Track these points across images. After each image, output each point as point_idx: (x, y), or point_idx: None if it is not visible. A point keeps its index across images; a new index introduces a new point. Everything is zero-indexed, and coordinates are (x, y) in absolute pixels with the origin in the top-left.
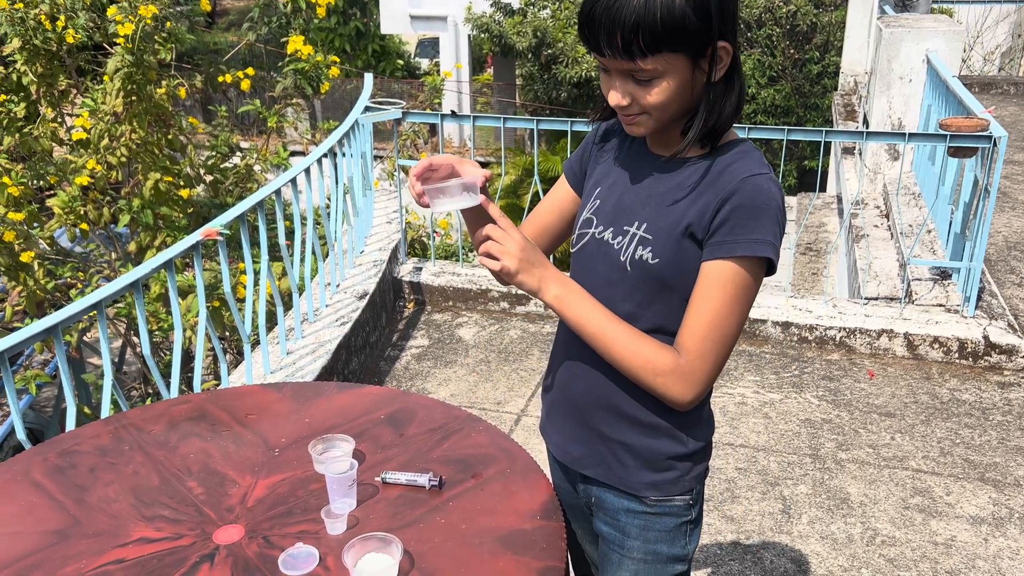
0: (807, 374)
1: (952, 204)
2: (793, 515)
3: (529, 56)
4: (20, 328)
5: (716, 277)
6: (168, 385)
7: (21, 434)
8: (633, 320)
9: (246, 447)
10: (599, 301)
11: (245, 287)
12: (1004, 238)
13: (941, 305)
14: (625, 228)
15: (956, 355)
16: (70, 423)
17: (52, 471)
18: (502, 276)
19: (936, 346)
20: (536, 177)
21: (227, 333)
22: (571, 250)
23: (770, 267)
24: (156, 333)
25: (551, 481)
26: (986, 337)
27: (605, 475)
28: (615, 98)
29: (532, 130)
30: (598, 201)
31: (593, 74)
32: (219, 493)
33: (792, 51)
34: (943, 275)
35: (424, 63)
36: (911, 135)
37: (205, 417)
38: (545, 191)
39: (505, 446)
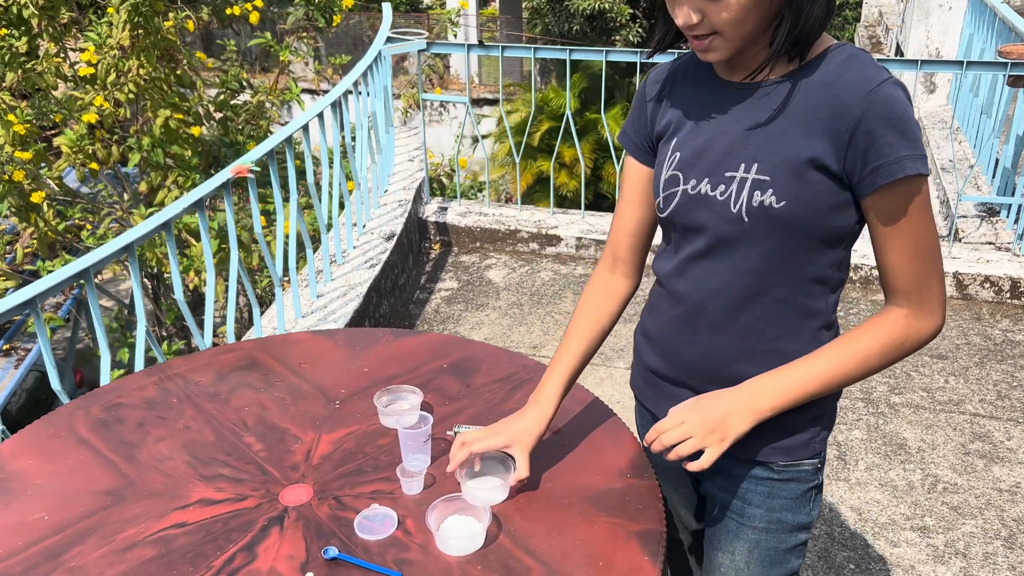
0: (852, 315)
1: (999, 137)
2: (849, 461)
3: None
4: (31, 270)
5: (891, 207)
6: (202, 332)
7: (56, 384)
8: (764, 278)
9: (304, 399)
10: (714, 266)
11: (265, 228)
12: None
13: (990, 243)
14: (728, 174)
15: (1008, 295)
16: (104, 374)
17: (97, 426)
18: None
19: (987, 285)
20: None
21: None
22: (660, 217)
23: None
24: (167, 276)
25: (637, 439)
26: None
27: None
28: (682, 17)
29: (565, 66)
30: (677, 153)
31: (607, 6)
32: (281, 450)
33: None
34: (990, 212)
35: None
36: (970, 63)
37: (256, 366)
38: (556, 129)
39: (581, 398)
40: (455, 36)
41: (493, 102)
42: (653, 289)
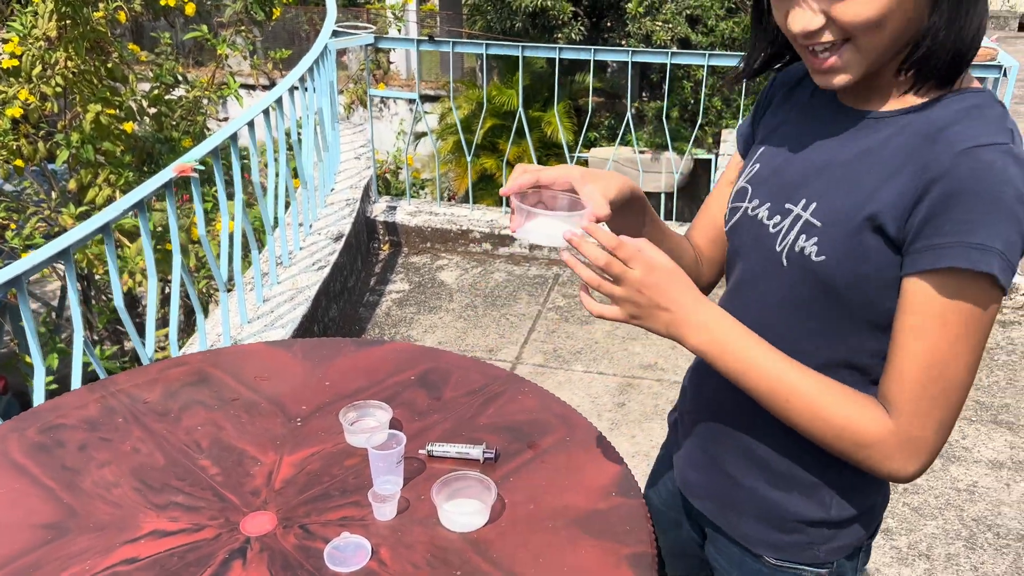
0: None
1: None
2: None
3: None
4: None
5: (925, 300)
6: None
7: None
8: (790, 341)
9: (262, 417)
10: (747, 306)
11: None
12: None
13: None
14: (787, 206)
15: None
16: (39, 393)
17: (34, 450)
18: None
19: None
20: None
21: (166, 288)
22: (724, 229)
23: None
24: (101, 279)
25: (621, 458)
26: None
27: (717, 515)
28: (801, 21)
29: (509, 63)
30: (757, 165)
31: (549, 3)
32: (239, 473)
33: None
34: None
35: None
36: None
37: (207, 381)
38: (498, 126)
39: (559, 411)
40: (399, 31)
41: (434, 98)
42: None
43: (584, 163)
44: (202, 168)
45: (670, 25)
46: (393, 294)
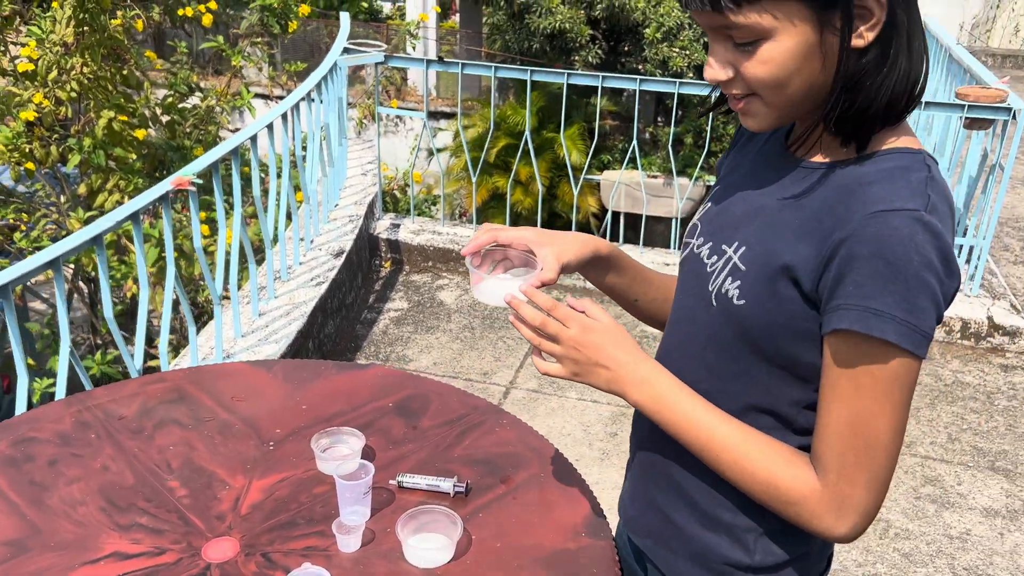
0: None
1: (951, 178)
2: None
3: (501, 3)
4: None
5: (838, 360)
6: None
7: None
8: (715, 383)
9: (235, 439)
10: (679, 338)
11: (207, 239)
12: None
13: None
14: (723, 248)
15: (958, 335)
16: (21, 403)
17: (4, 463)
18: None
19: (938, 325)
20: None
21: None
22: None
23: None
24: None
25: (589, 491)
26: (990, 318)
27: (654, 552)
28: (711, 71)
29: (524, 84)
30: (710, 204)
31: (568, 26)
32: (207, 496)
33: None
34: None
35: (387, 7)
36: (929, 103)
37: (185, 400)
38: (512, 146)
39: (536, 445)
40: (414, 48)
41: (450, 115)
42: None
43: (596, 186)
44: (200, 182)
45: (687, 51)
46: (391, 312)
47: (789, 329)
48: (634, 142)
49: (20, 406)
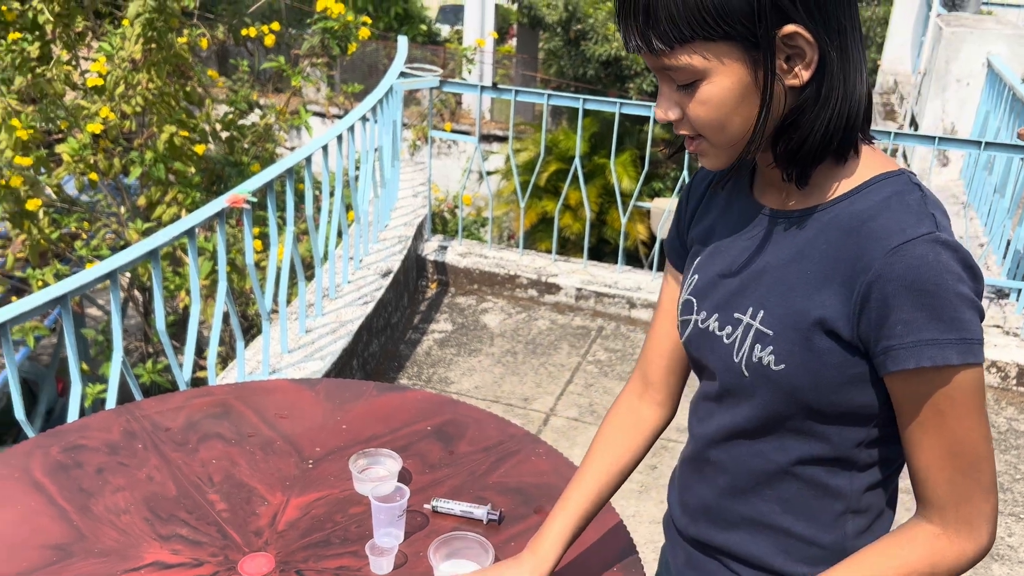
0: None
1: (1012, 218)
2: None
3: (558, 30)
4: (21, 276)
5: (913, 398)
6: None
7: (20, 414)
8: (768, 443)
9: (276, 456)
10: (719, 414)
11: (259, 255)
12: None
13: (998, 327)
14: (736, 316)
15: (1014, 382)
16: (73, 409)
17: (55, 469)
18: None
19: (993, 371)
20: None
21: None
22: (681, 342)
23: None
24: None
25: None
26: None
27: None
28: (659, 111)
29: (575, 107)
30: (696, 276)
31: (623, 53)
32: (246, 511)
33: None
34: (999, 294)
35: (445, 30)
36: (988, 144)
37: (229, 414)
38: (563, 170)
39: (571, 476)
40: (469, 73)
41: (503, 139)
42: None
43: (646, 213)
44: (255, 200)
45: None
46: (435, 333)
47: (837, 380)
48: (684, 171)
49: (72, 413)
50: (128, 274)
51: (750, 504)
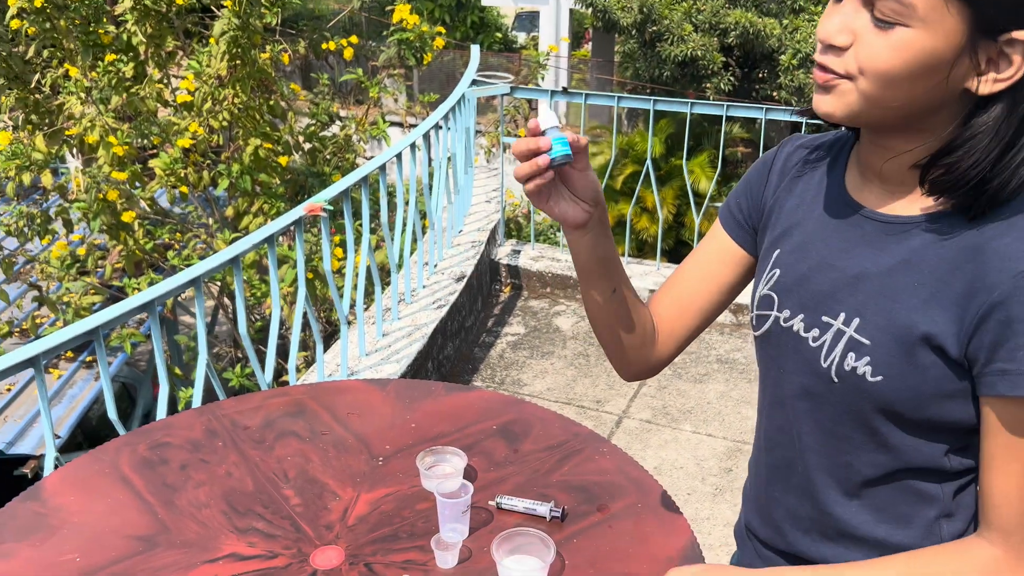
0: None
1: None
2: None
3: (633, 32)
4: (119, 285)
5: (1012, 423)
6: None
7: (112, 414)
8: (857, 450)
9: (348, 453)
10: (803, 420)
11: (341, 262)
12: None
13: None
14: (825, 320)
15: None
16: (162, 409)
17: (141, 465)
18: None
19: None
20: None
21: (305, 314)
22: (753, 334)
23: None
24: (248, 299)
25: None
26: None
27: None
28: (827, 28)
29: (647, 108)
30: (777, 271)
31: (699, 53)
32: (318, 506)
33: None
34: None
35: (521, 37)
36: None
37: (304, 413)
38: (639, 173)
39: (635, 475)
40: (542, 79)
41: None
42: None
43: None
44: (331, 208)
45: None
46: (508, 336)
47: (936, 396)
48: None
49: (161, 412)
50: (218, 283)
51: (843, 516)
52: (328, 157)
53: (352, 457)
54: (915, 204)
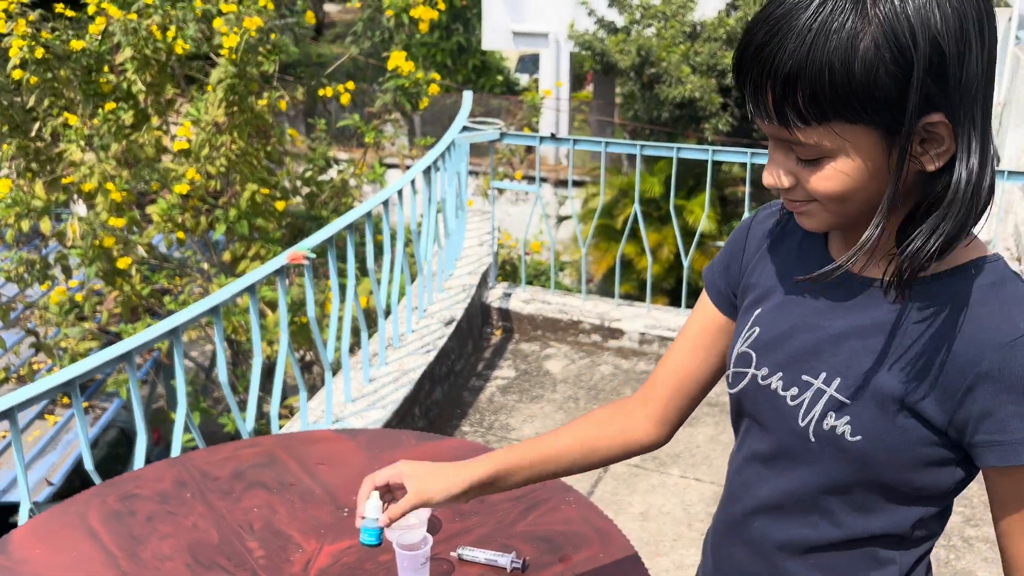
0: None
1: None
2: None
3: (631, 74)
4: (116, 331)
5: (1012, 492)
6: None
7: (89, 464)
8: (823, 513)
9: (313, 504)
10: (770, 477)
11: (328, 308)
12: None
13: None
14: (805, 379)
15: None
16: (139, 460)
17: (109, 517)
18: None
19: None
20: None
21: (306, 355)
22: (728, 391)
23: None
24: (246, 342)
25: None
26: None
27: None
28: (769, 177)
29: (634, 153)
30: (757, 329)
31: (697, 94)
32: (280, 558)
33: None
34: None
35: (523, 79)
36: None
37: (274, 464)
38: (643, 212)
39: (599, 525)
40: (536, 121)
41: (579, 183)
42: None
43: None
44: (314, 256)
45: None
46: (498, 380)
47: (915, 459)
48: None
49: (138, 462)
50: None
51: (795, 574)
52: (326, 201)
53: (318, 508)
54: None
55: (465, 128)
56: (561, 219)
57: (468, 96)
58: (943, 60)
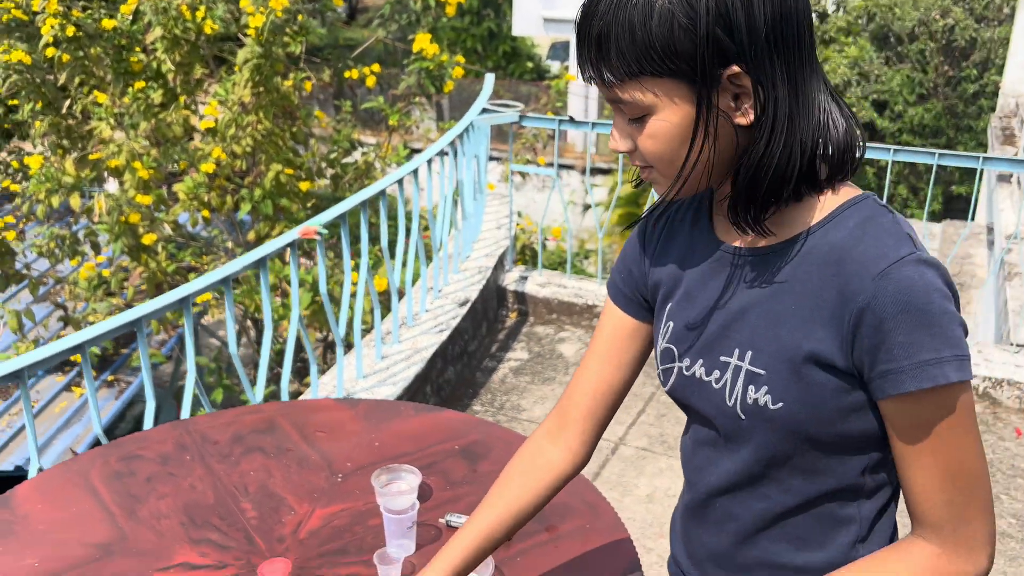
0: None
1: None
2: None
3: None
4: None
5: (910, 420)
6: (255, 385)
7: (97, 428)
8: (773, 482)
9: (309, 469)
10: (718, 459)
11: (355, 285)
12: None
13: None
14: (723, 359)
15: None
16: (148, 421)
17: (111, 477)
18: None
19: None
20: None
21: (328, 335)
22: (664, 390)
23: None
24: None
25: (634, 546)
26: None
27: None
28: (613, 141)
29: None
30: (671, 323)
31: None
32: (272, 520)
33: (946, 68)
34: None
35: (555, 66)
36: None
37: (273, 430)
38: None
39: (589, 499)
40: (560, 106)
41: (606, 171)
42: None
43: None
44: (326, 232)
45: (855, 109)
46: (511, 362)
47: (836, 410)
48: None
49: (147, 425)
50: (241, 305)
51: (762, 547)
52: (350, 183)
53: (313, 473)
54: (775, 235)
55: (485, 111)
56: (587, 207)
57: (490, 79)
58: (728, 11)
